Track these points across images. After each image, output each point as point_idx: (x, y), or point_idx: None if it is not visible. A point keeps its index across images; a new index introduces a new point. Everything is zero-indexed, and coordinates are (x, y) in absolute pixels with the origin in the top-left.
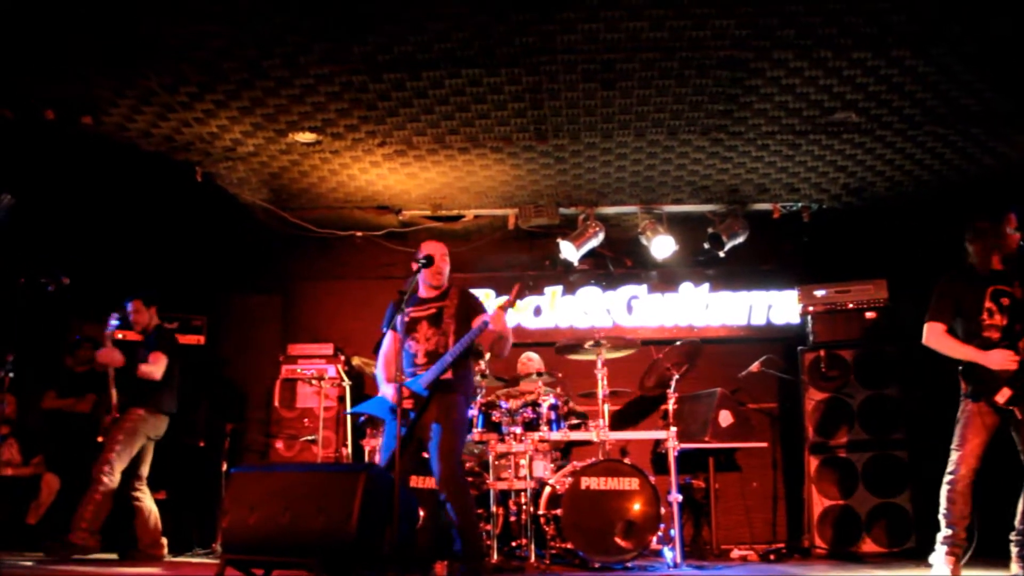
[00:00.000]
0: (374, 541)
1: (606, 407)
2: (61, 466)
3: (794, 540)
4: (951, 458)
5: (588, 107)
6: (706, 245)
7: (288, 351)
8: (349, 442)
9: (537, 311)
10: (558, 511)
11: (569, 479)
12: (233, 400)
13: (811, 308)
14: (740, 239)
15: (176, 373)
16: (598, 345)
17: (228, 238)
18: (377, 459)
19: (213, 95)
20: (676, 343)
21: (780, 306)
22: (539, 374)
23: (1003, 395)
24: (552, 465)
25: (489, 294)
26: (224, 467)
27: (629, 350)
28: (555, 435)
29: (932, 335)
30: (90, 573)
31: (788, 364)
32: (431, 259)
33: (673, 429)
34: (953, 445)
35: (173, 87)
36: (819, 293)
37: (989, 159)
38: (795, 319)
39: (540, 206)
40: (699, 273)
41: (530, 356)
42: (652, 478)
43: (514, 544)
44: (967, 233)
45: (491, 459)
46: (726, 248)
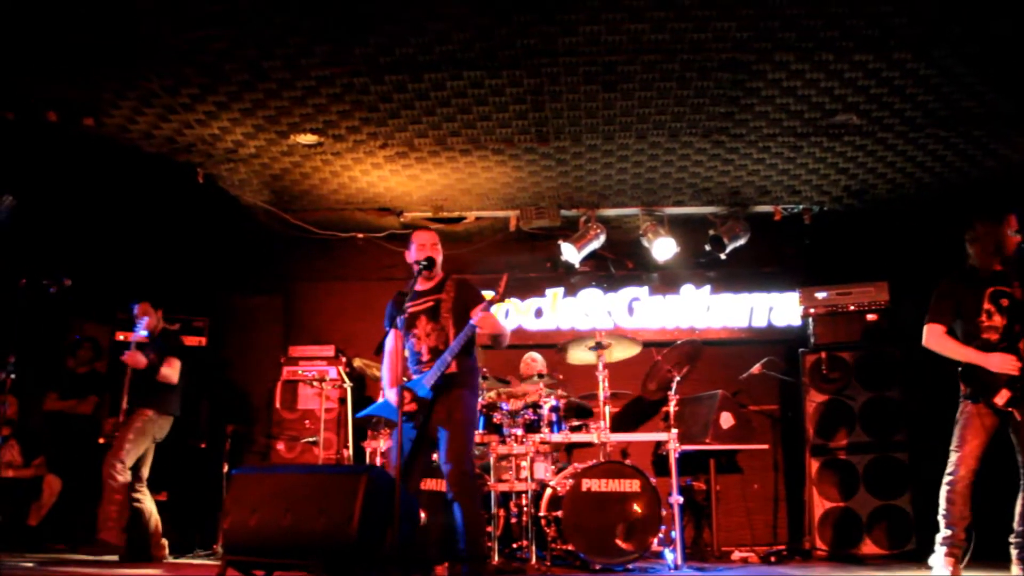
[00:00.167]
0: (375, 543)
1: (607, 409)
2: (62, 468)
3: (795, 542)
4: (950, 459)
5: (589, 109)
6: (707, 247)
7: (289, 353)
8: (350, 444)
9: (538, 313)
10: (559, 513)
11: (570, 481)
12: (234, 401)
13: (812, 310)
14: (741, 241)
15: (182, 375)
16: (599, 347)
17: (230, 240)
18: (379, 462)
19: (215, 97)
20: (676, 344)
21: (781, 308)
22: (540, 376)
23: (1002, 397)
24: (553, 467)
25: (490, 295)
26: (225, 468)
27: (630, 352)
28: (556, 437)
29: (932, 336)
30: (91, 574)
31: (789, 366)
32: (432, 262)
33: (674, 431)
34: (952, 446)
35: (175, 89)
36: (820, 295)
37: (990, 161)
38: (796, 321)
39: (541, 208)
40: (700, 275)
41: (534, 357)
42: (653, 480)
43: (515, 546)
44: (967, 234)
45: (492, 461)
46: (727, 250)
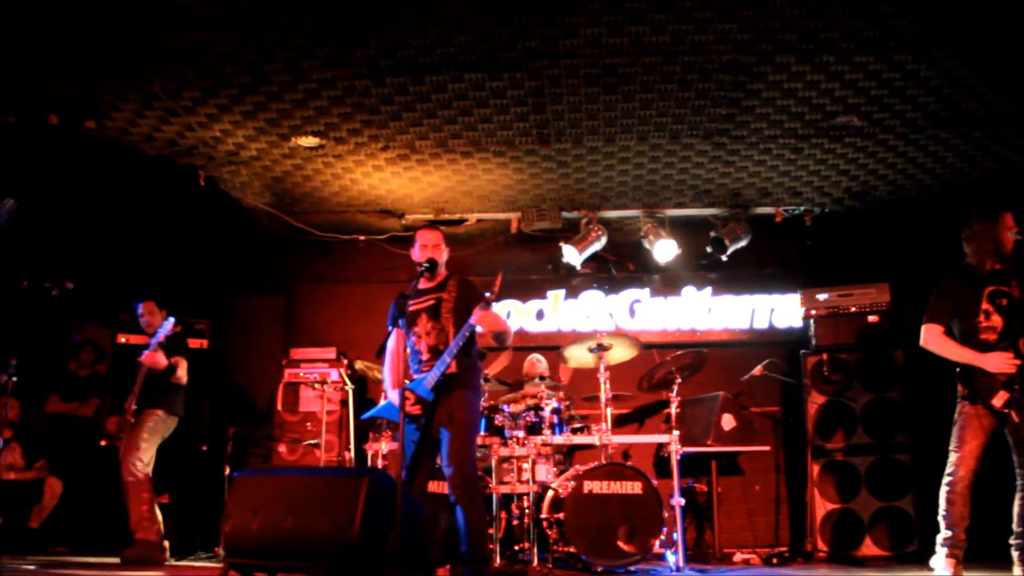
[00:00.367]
0: (377, 545)
1: (608, 411)
2: (64, 470)
3: (797, 544)
4: (949, 460)
5: (590, 111)
6: (708, 249)
7: (291, 355)
8: (352, 446)
9: (540, 315)
10: (560, 515)
11: (572, 483)
12: (236, 404)
13: (813, 312)
14: (742, 243)
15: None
16: (601, 349)
17: (231, 242)
18: (381, 464)
19: (216, 99)
20: (679, 350)
21: (782, 310)
22: (541, 378)
23: (1000, 398)
24: (555, 469)
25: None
26: (227, 471)
27: (631, 354)
28: (558, 439)
29: (930, 336)
30: None
31: (790, 368)
32: (434, 264)
33: (676, 433)
34: (951, 447)
35: (176, 91)
36: (821, 297)
37: (991, 162)
38: (797, 323)
39: (543, 210)
40: (701, 277)
41: (538, 358)
42: (655, 482)
43: (517, 548)
44: (964, 233)
45: (494, 463)
46: (728, 252)
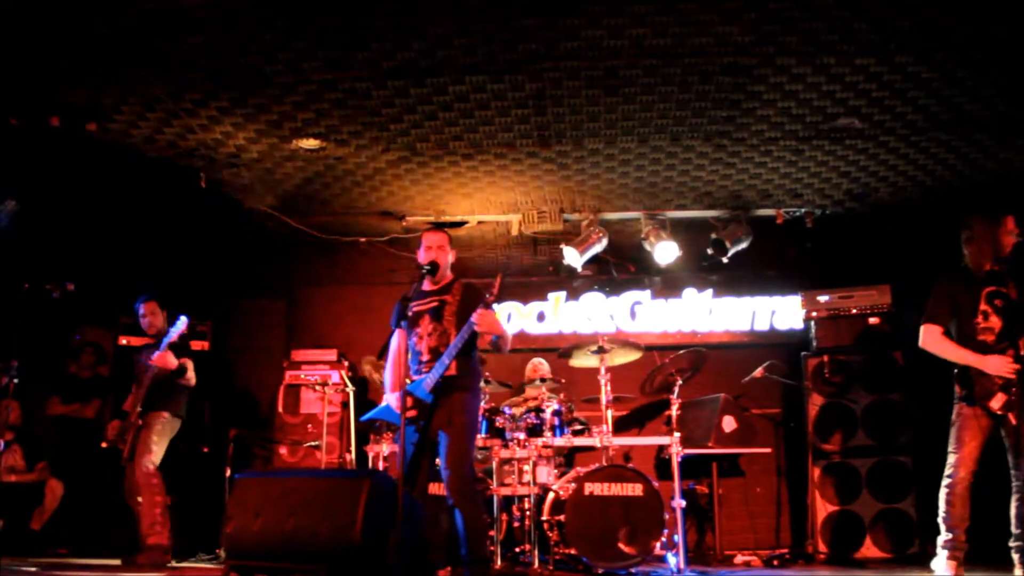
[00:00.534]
0: (378, 547)
1: (609, 413)
2: (65, 472)
3: (798, 545)
4: (948, 461)
5: (591, 113)
6: (709, 251)
7: (292, 357)
8: (353, 448)
9: (540, 317)
10: (561, 517)
11: (573, 485)
12: (237, 405)
13: (814, 313)
14: (743, 245)
15: None
16: (601, 351)
17: (232, 244)
18: (382, 466)
19: (217, 102)
20: (680, 350)
21: (783, 311)
22: (542, 380)
23: (998, 400)
24: (556, 471)
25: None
26: (228, 473)
27: (632, 356)
28: (559, 441)
29: (929, 337)
30: None
31: (791, 369)
32: (436, 267)
33: (677, 434)
34: (950, 448)
35: (177, 94)
36: (822, 298)
37: (993, 164)
38: (799, 324)
39: (543, 212)
40: (702, 279)
41: (540, 360)
42: (656, 483)
43: (518, 550)
44: (963, 233)
45: (495, 465)
46: (729, 254)
